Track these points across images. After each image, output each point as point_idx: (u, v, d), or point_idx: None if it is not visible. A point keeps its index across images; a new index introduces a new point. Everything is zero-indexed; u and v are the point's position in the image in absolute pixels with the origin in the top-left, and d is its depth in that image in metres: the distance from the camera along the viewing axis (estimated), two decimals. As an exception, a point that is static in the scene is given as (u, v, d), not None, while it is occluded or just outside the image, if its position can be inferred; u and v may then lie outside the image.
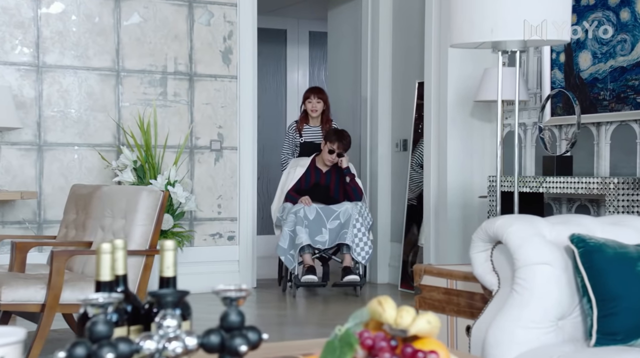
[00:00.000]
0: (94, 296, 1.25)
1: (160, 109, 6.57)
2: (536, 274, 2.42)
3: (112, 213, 4.31)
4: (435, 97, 6.09)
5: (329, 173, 6.71)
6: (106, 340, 1.20)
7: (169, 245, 1.38)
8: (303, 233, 6.30)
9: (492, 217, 5.44)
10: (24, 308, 3.82)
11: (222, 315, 1.28)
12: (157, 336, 1.24)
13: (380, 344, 1.21)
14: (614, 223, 2.62)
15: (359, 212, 6.40)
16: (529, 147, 5.81)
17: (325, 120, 6.86)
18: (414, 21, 6.79)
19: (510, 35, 2.86)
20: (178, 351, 1.22)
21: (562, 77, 5.50)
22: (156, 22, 6.57)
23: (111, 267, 1.35)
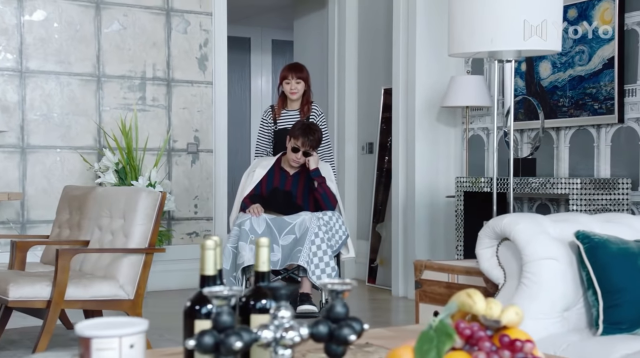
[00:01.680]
0: (218, 289, 1.25)
1: (139, 113, 6.50)
2: (544, 269, 2.47)
3: (110, 213, 4.27)
4: (403, 103, 6.14)
5: (297, 176, 5.23)
6: (231, 329, 1.21)
7: (263, 242, 1.38)
8: (247, 250, 4.82)
9: (457, 216, 5.52)
10: (31, 304, 3.76)
11: (328, 307, 1.29)
12: (273, 326, 1.25)
13: (479, 334, 1.23)
14: (608, 220, 2.69)
15: (322, 224, 4.94)
16: (492, 150, 5.89)
17: (305, 102, 5.45)
18: (379, 31, 6.84)
19: (509, 46, 2.91)
20: (297, 340, 1.24)
21: (524, 85, 5.60)
22: (135, 30, 6.51)
23: (214, 262, 1.35)
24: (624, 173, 5.00)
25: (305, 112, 5.40)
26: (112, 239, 4.18)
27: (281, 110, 5.49)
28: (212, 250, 1.35)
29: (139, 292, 4.01)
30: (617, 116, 4.99)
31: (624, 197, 4.91)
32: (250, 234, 4.87)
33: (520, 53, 3.08)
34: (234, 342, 1.19)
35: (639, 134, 4.94)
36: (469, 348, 1.25)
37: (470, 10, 2.92)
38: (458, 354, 1.23)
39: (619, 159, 5.04)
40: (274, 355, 1.25)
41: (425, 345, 1.25)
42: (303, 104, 5.44)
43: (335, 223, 5.06)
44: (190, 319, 1.34)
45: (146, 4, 6.53)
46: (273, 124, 5.49)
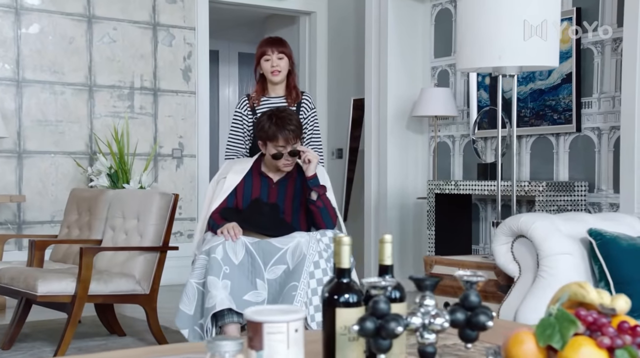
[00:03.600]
0: (376, 280, 1.30)
1: (128, 120, 6.45)
2: (559, 262, 2.57)
3: (123, 214, 4.24)
4: (375, 112, 6.23)
5: (284, 183, 3.64)
6: (388, 315, 1.25)
7: (387, 238, 1.43)
8: (219, 288, 3.20)
9: (429, 215, 5.63)
10: (57, 299, 3.72)
11: (462, 297, 1.35)
12: (420, 313, 1.30)
13: (602, 320, 1.31)
14: (609, 219, 2.80)
15: (323, 249, 3.35)
16: (458, 156, 6.02)
17: (292, 86, 3.94)
18: (349, 45, 6.92)
19: (516, 62, 3.01)
20: (445, 325, 1.29)
21: (488, 97, 5.74)
22: (124, 43, 6.45)
23: (349, 256, 1.39)
24: (581, 177, 5.17)
25: (293, 99, 3.90)
26: (125, 238, 4.16)
27: (260, 97, 3.94)
28: (347, 245, 1.40)
29: (154, 287, 4.00)
30: (575, 126, 5.16)
31: (581, 199, 5.07)
32: (224, 265, 3.24)
33: (522, 68, 3.18)
34: (396, 327, 1.24)
35: (594, 141, 5.12)
36: (589, 333, 1.32)
37: (479, 29, 3.01)
38: (582, 339, 1.30)
39: (576, 164, 5.21)
40: (420, 339, 1.30)
41: (548, 330, 1.31)
42: (289, 89, 3.93)
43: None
44: (331, 307, 1.38)
45: (135, 19, 6.49)
46: (251, 114, 3.92)
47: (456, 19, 3.15)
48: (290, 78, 3.94)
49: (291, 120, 3.54)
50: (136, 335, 4.42)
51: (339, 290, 1.39)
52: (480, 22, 3.00)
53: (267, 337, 1.25)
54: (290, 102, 3.89)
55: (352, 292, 1.38)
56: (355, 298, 1.38)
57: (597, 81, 5.10)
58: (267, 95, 3.95)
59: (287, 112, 3.61)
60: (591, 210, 5.11)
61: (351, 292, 1.38)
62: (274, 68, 3.85)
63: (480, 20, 2.99)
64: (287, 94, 3.92)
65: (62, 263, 4.45)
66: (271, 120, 3.52)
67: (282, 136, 3.49)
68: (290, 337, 1.26)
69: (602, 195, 5.06)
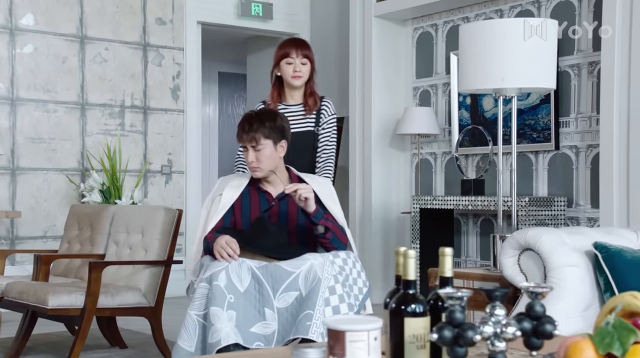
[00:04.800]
0: (452, 290, 1.33)
1: (117, 137, 6.43)
2: (567, 274, 2.63)
3: (127, 229, 4.23)
4: (359, 130, 6.28)
5: (285, 200, 3.15)
6: (465, 324, 1.29)
7: (447, 251, 1.47)
8: (224, 320, 2.75)
9: (413, 229, 5.68)
10: (67, 312, 3.69)
11: (527, 306, 1.39)
12: (491, 322, 1.33)
13: (658, 328, 1.36)
14: (608, 233, 2.87)
15: (337, 272, 2.91)
16: (439, 172, 6.10)
17: (309, 93, 3.57)
18: (331, 65, 6.98)
19: (517, 84, 3.08)
20: (517, 334, 1.33)
21: (469, 116, 5.83)
22: (116, 63, 6.44)
23: (415, 268, 1.43)
24: (560, 192, 5.27)
25: (310, 107, 3.52)
26: (130, 252, 4.14)
27: (277, 104, 3.56)
28: (413, 258, 1.43)
29: (159, 299, 3.99)
30: (554, 144, 5.26)
31: (560, 213, 5.17)
32: (228, 294, 2.78)
33: (521, 90, 3.25)
34: (473, 335, 1.27)
35: (572, 159, 5.23)
36: (646, 340, 1.36)
37: (482, 54, 3.08)
38: (641, 346, 1.35)
39: (555, 180, 5.31)
40: (491, 347, 1.34)
41: (606, 339, 1.36)
42: (306, 96, 3.55)
43: (353, 268, 3.00)
44: (398, 318, 1.41)
45: (125, 40, 6.47)
46: None
47: (459, 44, 3.22)
48: (309, 85, 3.59)
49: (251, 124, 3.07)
50: (138, 347, 4.39)
51: (406, 300, 1.42)
52: (482, 47, 3.07)
53: (349, 344, 1.27)
54: (308, 110, 3.53)
55: (418, 302, 1.42)
56: (422, 308, 1.41)
57: (574, 102, 5.22)
58: (284, 102, 3.58)
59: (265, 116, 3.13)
60: (570, 224, 5.21)
61: (417, 303, 1.42)
62: (296, 73, 3.51)
63: (483, 45, 3.06)
64: (305, 102, 3.55)
65: (64, 278, 4.41)
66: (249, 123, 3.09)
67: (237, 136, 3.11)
68: (370, 345, 1.29)
69: (580, 210, 5.16)
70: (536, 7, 5.45)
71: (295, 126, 3.46)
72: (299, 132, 3.50)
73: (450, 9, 5.94)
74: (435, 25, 6.08)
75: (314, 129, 3.55)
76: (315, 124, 3.54)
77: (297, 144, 3.37)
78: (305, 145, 3.51)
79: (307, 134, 3.54)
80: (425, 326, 1.40)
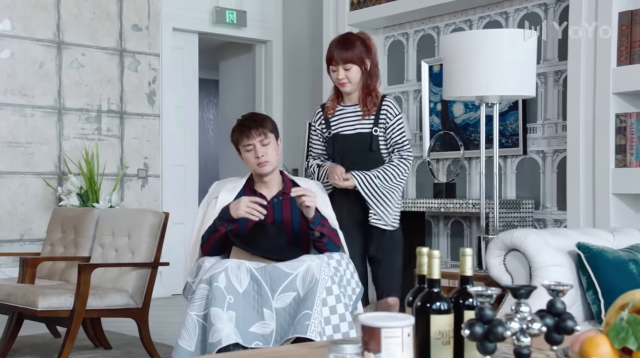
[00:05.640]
0: (481, 288, 1.38)
1: (94, 142, 6.38)
2: (551, 273, 2.71)
3: (113, 231, 4.21)
4: (333, 135, 6.33)
5: (279, 202, 3.20)
6: (494, 321, 1.34)
7: (468, 252, 1.52)
8: (224, 321, 2.76)
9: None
10: (56, 314, 3.67)
11: (548, 304, 1.45)
12: (517, 319, 1.39)
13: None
14: (588, 233, 2.96)
15: (333, 273, 2.92)
16: (411, 176, 6.17)
17: (365, 91, 3.30)
18: (304, 71, 7.02)
19: (500, 92, 3.16)
20: (543, 330, 1.38)
21: (440, 122, 5.92)
22: (92, 68, 6.39)
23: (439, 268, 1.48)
24: (528, 195, 5.38)
25: (368, 109, 3.27)
26: (116, 255, 4.13)
27: (336, 105, 3.37)
28: (437, 258, 1.48)
29: (146, 301, 3.98)
30: (522, 149, 5.38)
31: (528, 215, 5.28)
32: (228, 295, 2.79)
33: (502, 97, 3.33)
34: (504, 331, 1.33)
35: (539, 163, 5.34)
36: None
37: (465, 63, 3.15)
38: (654, 339, 1.41)
39: (523, 183, 5.42)
40: (517, 342, 1.39)
41: (621, 334, 1.42)
42: (364, 96, 3.29)
43: (346, 269, 3.02)
44: (424, 315, 1.46)
45: (102, 45, 6.44)
46: (325, 127, 3.38)
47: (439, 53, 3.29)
48: (365, 84, 3.29)
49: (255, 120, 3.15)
50: (122, 348, 4.38)
51: (431, 298, 1.47)
52: (467, 56, 3.14)
53: (384, 340, 1.32)
54: (366, 111, 3.29)
55: (443, 300, 1.46)
56: (446, 306, 1.46)
57: (541, 109, 5.34)
58: (342, 103, 3.38)
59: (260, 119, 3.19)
60: (537, 226, 5.33)
61: (442, 300, 1.46)
62: (340, 80, 3.32)
63: (468, 55, 3.13)
64: (362, 102, 3.29)
65: (49, 280, 4.37)
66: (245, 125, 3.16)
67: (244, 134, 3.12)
68: (404, 341, 1.33)
69: (547, 212, 5.28)
70: (504, 18, 5.56)
71: (347, 128, 3.34)
72: (350, 134, 3.33)
73: (421, 19, 6.03)
74: (407, 34, 6.16)
75: (371, 129, 3.32)
76: (373, 124, 3.32)
77: (349, 145, 3.31)
78: (358, 147, 3.32)
79: (361, 136, 3.33)
80: (450, 323, 1.45)
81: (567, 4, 5.02)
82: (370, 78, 3.32)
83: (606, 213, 4.64)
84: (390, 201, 3.31)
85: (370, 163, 3.31)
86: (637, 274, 2.69)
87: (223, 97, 8.15)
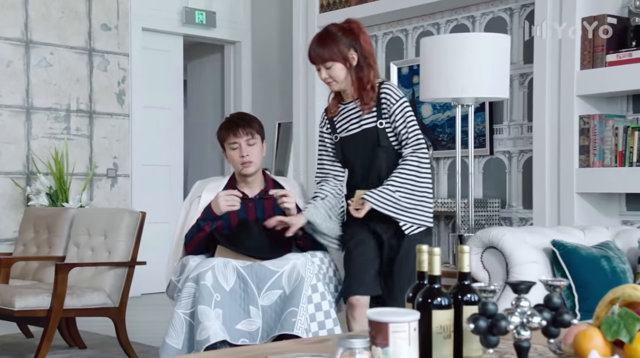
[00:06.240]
0: (484, 284, 1.42)
1: (64, 141, 6.31)
2: (528, 270, 2.77)
3: (88, 231, 4.17)
4: (303, 135, 6.35)
5: (260, 200, 3.18)
6: (497, 315, 1.37)
7: (466, 249, 1.56)
8: (212, 318, 2.77)
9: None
10: (33, 313, 3.63)
11: (545, 298, 1.49)
12: (518, 313, 1.42)
13: (659, 317, 1.47)
14: (561, 231, 3.04)
15: (317, 271, 2.93)
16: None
17: (359, 85, 2.95)
18: (273, 71, 7.03)
19: (476, 94, 3.22)
20: (543, 323, 1.42)
21: (408, 123, 5.97)
22: (61, 67, 6.32)
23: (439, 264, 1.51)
24: (494, 194, 5.47)
25: (366, 102, 2.93)
26: (92, 254, 4.10)
27: (336, 105, 3.06)
28: (438, 255, 1.51)
29: (123, 300, 3.95)
30: (489, 149, 5.46)
31: (495, 214, 5.37)
32: (215, 293, 2.79)
33: (477, 99, 3.39)
34: (507, 325, 1.36)
35: (505, 163, 5.43)
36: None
37: (445, 65, 3.20)
38: (646, 333, 1.46)
39: (489, 183, 5.51)
40: (517, 335, 1.43)
41: (613, 327, 1.47)
42: (358, 91, 2.94)
43: (329, 267, 3.04)
44: (426, 310, 1.49)
45: (71, 45, 6.36)
46: (331, 131, 3.09)
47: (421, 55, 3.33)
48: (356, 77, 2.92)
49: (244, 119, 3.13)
50: (97, 347, 4.34)
51: (432, 294, 1.50)
52: (444, 59, 3.19)
53: (392, 335, 1.34)
54: (364, 106, 2.94)
55: (444, 296, 1.50)
56: (447, 302, 1.49)
57: (507, 111, 5.43)
58: (342, 101, 3.04)
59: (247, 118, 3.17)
60: (503, 224, 5.42)
61: (443, 296, 1.50)
62: (325, 80, 2.98)
63: (445, 58, 3.18)
64: (359, 97, 2.94)
65: (22, 280, 4.32)
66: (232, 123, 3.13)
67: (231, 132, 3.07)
68: (411, 335, 1.36)
69: (512, 210, 5.37)
70: (471, 21, 5.64)
71: (352, 126, 3.00)
72: (357, 133, 2.99)
73: (389, 22, 6.08)
74: (376, 37, 6.21)
75: (375, 123, 2.94)
76: (377, 117, 2.93)
77: (357, 145, 2.98)
78: (365, 145, 2.96)
79: (367, 132, 2.96)
80: (450, 318, 1.49)
81: (532, 9, 5.11)
82: (362, 70, 2.92)
83: (570, 212, 4.74)
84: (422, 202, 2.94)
85: (382, 160, 2.93)
86: (609, 270, 2.76)
87: (191, 97, 8.11)
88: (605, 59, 4.59)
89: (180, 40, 7.06)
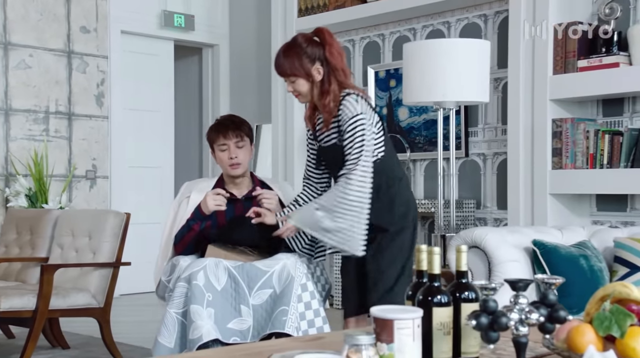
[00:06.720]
0: (485, 282, 1.46)
1: (44, 143, 6.26)
2: (509, 269, 2.83)
3: (72, 232, 4.16)
4: (282, 138, 6.38)
5: (248, 200, 3.18)
6: (498, 312, 1.42)
7: (464, 248, 1.60)
8: (204, 317, 2.79)
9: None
10: (19, 314, 3.61)
11: (541, 296, 1.53)
12: (517, 309, 1.47)
13: (651, 313, 1.52)
14: (539, 231, 3.10)
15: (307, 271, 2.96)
16: (357, 177, 6.27)
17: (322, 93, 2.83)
18: (251, 75, 7.04)
19: (456, 98, 3.27)
20: (541, 319, 1.47)
21: (386, 125, 6.02)
22: (40, 69, 6.27)
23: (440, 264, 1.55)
24: (469, 196, 5.55)
25: (328, 111, 2.80)
26: (76, 255, 4.08)
27: (314, 114, 2.94)
28: (437, 254, 1.55)
29: (107, 300, 3.95)
30: (464, 151, 5.54)
31: (470, 215, 5.44)
32: (207, 292, 2.81)
33: (458, 103, 3.45)
34: (507, 321, 1.41)
35: (480, 165, 5.52)
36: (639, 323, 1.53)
37: (428, 70, 3.25)
38: (638, 328, 1.51)
39: (465, 184, 5.58)
40: (516, 331, 1.47)
41: (605, 323, 1.52)
42: (322, 104, 2.81)
43: (316, 266, 3.09)
44: (426, 308, 1.53)
45: (50, 47, 6.32)
46: (314, 139, 3.04)
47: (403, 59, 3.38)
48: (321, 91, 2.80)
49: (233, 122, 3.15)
50: (81, 348, 4.32)
51: (432, 292, 1.55)
52: (426, 64, 3.24)
53: (397, 331, 1.38)
54: (327, 116, 2.81)
55: (443, 293, 1.54)
56: (447, 299, 1.54)
57: (481, 114, 5.51)
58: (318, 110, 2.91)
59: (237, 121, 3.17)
60: (479, 225, 5.49)
61: (442, 294, 1.54)
62: (292, 93, 2.91)
63: (427, 63, 3.23)
64: (322, 106, 2.80)
65: (4, 281, 4.28)
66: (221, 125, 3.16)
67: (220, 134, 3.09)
68: (415, 332, 1.40)
69: (487, 211, 5.45)
70: (446, 27, 5.71)
71: (325, 139, 2.90)
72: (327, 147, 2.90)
73: (367, 26, 6.13)
74: (353, 41, 6.26)
75: (336, 140, 2.84)
76: (337, 134, 2.84)
77: (328, 160, 2.93)
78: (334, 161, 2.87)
79: (333, 148, 2.86)
80: (450, 315, 1.53)
81: (506, 16, 5.20)
82: (328, 84, 2.79)
83: (544, 212, 4.83)
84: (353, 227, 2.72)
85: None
86: (587, 268, 2.83)
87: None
88: (576, 65, 4.69)
89: (170, 44, 7.06)
